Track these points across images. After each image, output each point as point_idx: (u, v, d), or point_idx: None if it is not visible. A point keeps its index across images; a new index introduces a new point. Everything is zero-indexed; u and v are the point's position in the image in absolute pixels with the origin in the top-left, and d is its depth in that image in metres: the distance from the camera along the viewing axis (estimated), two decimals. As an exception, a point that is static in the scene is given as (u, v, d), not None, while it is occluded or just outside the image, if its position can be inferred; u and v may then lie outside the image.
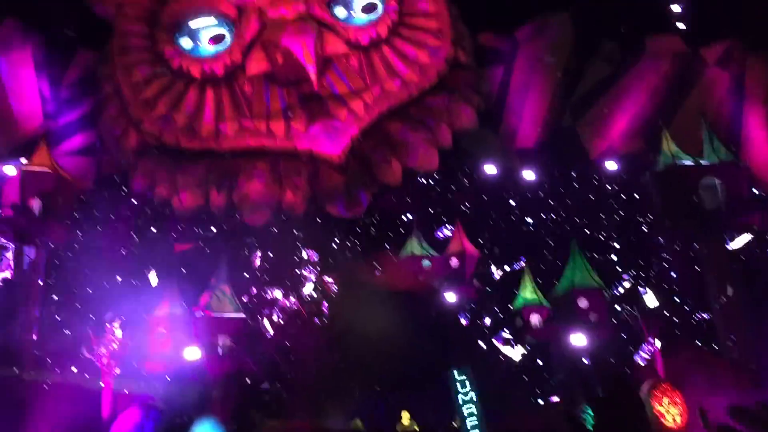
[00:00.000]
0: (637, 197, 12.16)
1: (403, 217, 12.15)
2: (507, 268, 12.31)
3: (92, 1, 11.24)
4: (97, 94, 11.17)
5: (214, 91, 11.00)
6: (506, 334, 12.10)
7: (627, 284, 11.96)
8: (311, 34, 10.63)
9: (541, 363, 11.79)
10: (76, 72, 11.41)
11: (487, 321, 12.31)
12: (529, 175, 12.11)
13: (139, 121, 10.86)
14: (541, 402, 11.53)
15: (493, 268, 12.47)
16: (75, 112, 11.39)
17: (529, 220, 12.53)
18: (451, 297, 11.94)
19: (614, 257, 12.39)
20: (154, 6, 11.16)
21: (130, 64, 10.89)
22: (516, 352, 12.08)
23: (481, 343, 12.10)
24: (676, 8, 12.66)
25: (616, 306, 11.47)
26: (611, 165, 12.10)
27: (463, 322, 12.18)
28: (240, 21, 11.11)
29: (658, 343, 10.21)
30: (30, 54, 11.10)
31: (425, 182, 11.84)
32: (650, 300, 11.59)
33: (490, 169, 12.00)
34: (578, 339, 11.06)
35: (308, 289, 11.68)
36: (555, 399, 11.41)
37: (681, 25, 12.48)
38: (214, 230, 11.24)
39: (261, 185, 10.70)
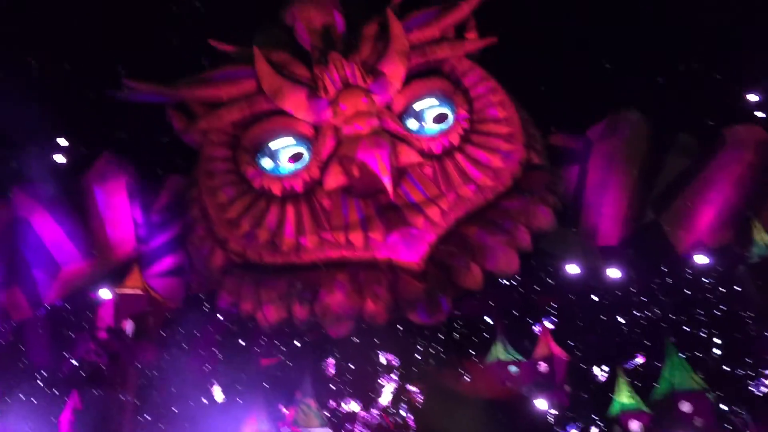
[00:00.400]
0: (736, 290, 11.39)
1: (486, 321, 11.73)
2: (600, 371, 11.58)
3: (181, 132, 11.77)
4: (186, 217, 11.52)
5: (294, 206, 11.22)
6: (605, 444, 11.24)
7: (734, 385, 11.00)
8: (385, 147, 10.84)
9: (644, 473, 10.81)
10: (166, 197, 11.90)
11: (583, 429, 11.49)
12: (614, 273, 11.58)
13: (225, 240, 11.11)
14: None
15: (586, 371, 11.75)
16: (165, 235, 11.80)
17: (620, 320, 11.87)
18: (541, 404, 11.26)
19: (717, 356, 11.50)
20: (236, 131, 11.67)
21: (215, 186, 11.29)
22: (617, 462, 11.16)
23: (578, 453, 11.27)
24: (753, 97, 12.31)
25: (723, 408, 10.52)
26: (702, 259, 11.47)
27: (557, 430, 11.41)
28: (317, 139, 11.47)
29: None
30: (124, 183, 11.65)
31: (508, 284, 11.47)
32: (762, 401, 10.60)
33: (573, 268, 11.56)
34: (684, 446, 10.13)
35: (393, 399, 11.26)
36: None
37: (761, 114, 12.08)
38: (298, 344, 11.11)
39: (342, 296, 10.66)
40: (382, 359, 11.25)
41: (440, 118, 11.82)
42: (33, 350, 11.84)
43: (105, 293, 11.78)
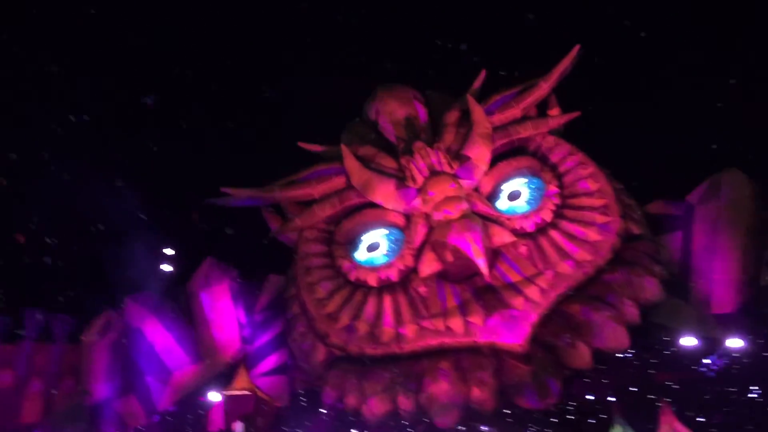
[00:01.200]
0: None
1: (601, 401, 10.79)
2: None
3: (277, 233, 11.83)
4: (286, 315, 11.42)
5: (392, 296, 10.95)
6: None
7: None
8: (477, 230, 10.49)
9: None
10: (267, 296, 11.86)
11: None
12: (736, 342, 10.50)
13: (325, 335, 10.91)
14: None
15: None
16: (268, 334, 11.74)
17: (754, 393, 10.67)
18: (671, 489, 10.10)
19: None
20: (329, 227, 11.64)
21: (312, 282, 11.18)
22: None
23: None
24: None
25: None
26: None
27: None
28: (408, 227, 11.23)
29: None
30: (227, 286, 11.70)
31: (621, 360, 10.57)
32: None
33: (689, 341, 10.56)
34: None
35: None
36: None
37: None
38: (405, 437, 10.51)
39: (447, 385, 10.19)
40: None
41: (531, 198, 11.37)
42: (150, 457, 11.72)
43: (214, 396, 11.74)
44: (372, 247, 11.56)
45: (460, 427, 10.35)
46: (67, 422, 12.14)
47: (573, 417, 10.81)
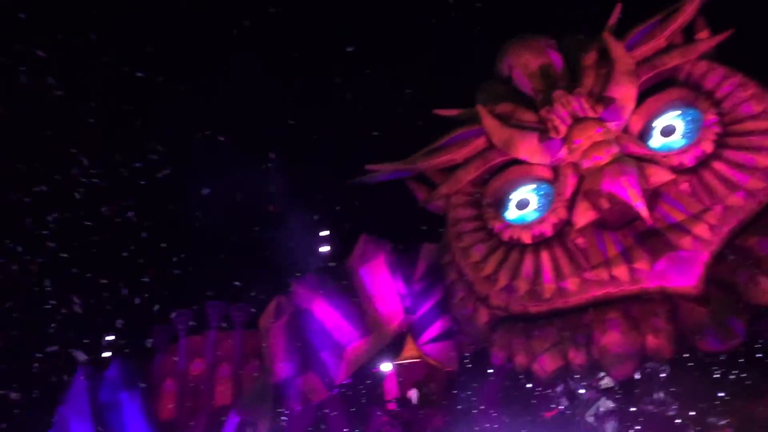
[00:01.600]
0: None
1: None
2: None
3: (424, 202, 11.78)
4: (444, 282, 11.33)
5: (549, 251, 10.61)
6: None
7: None
8: (632, 172, 9.89)
9: None
10: (423, 265, 11.83)
11: None
12: None
13: (486, 297, 10.79)
14: None
15: None
16: (429, 302, 11.72)
17: None
18: None
19: None
20: (476, 190, 11.46)
21: (466, 246, 11.06)
22: None
23: None
24: None
25: None
26: None
27: None
28: (557, 180, 10.78)
29: None
30: (383, 260, 11.81)
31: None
32: None
33: None
34: None
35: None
36: None
37: None
38: (581, 391, 10.16)
39: (618, 334, 9.76)
40: (669, 398, 9.87)
41: (688, 131, 10.51)
42: (334, 428, 12.15)
43: (386, 366, 11.95)
44: (522, 205, 11.21)
45: (637, 378, 9.87)
46: (257, 401, 12.85)
47: (762, 357, 9.96)
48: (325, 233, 13.34)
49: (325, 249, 13.26)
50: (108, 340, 14.22)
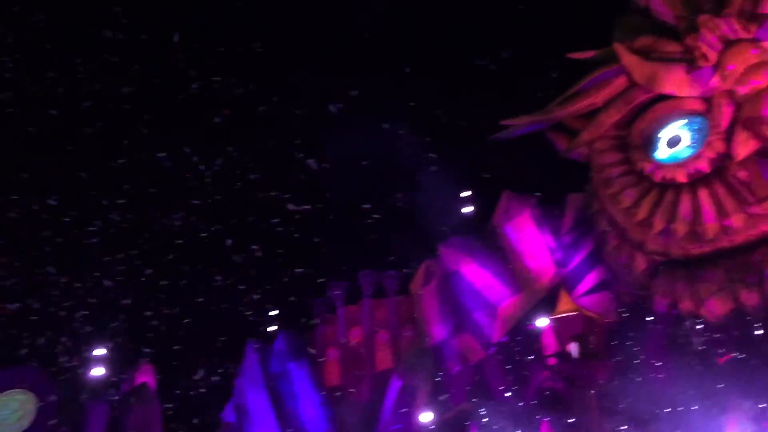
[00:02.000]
0: None
1: None
2: None
3: (566, 151, 11.35)
4: (595, 231, 10.91)
5: (708, 189, 9.96)
6: None
7: None
8: (796, 93, 8.89)
9: None
10: (571, 217, 11.45)
11: None
12: None
13: (641, 243, 10.32)
14: None
15: None
16: (580, 254, 11.34)
17: None
18: None
19: None
20: (621, 132, 10.87)
21: (615, 192, 10.57)
22: None
23: None
24: None
25: None
26: None
27: None
28: (711, 111, 9.99)
29: None
30: (528, 215, 11.55)
31: None
32: None
33: None
34: None
35: None
36: None
37: None
38: (757, 332, 9.46)
39: (794, 271, 8.86)
40: None
41: None
42: (495, 386, 12.14)
43: (542, 322, 11.71)
44: (673, 142, 10.50)
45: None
46: (416, 365, 13.08)
47: None
48: (466, 194, 13.23)
49: (468, 209, 13.16)
50: (272, 315, 15.01)
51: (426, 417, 12.61)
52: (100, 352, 14.00)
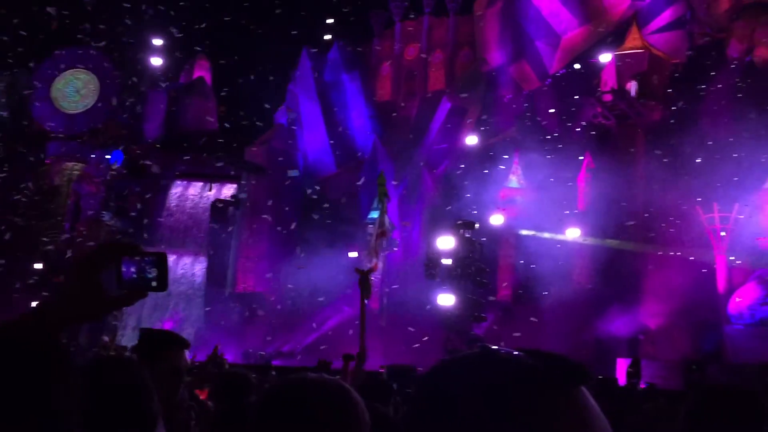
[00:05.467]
0: None
1: None
2: None
3: None
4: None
5: None
6: None
7: None
8: None
9: None
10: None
11: None
12: None
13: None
14: None
15: None
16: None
17: None
18: None
19: None
20: None
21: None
22: None
23: None
24: None
25: None
26: None
27: None
28: None
29: None
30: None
31: None
32: None
33: None
34: None
35: None
36: None
37: None
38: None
39: None
40: None
41: None
42: (544, 117, 11.85)
43: (605, 57, 11.00)
44: None
45: None
46: (468, 86, 12.74)
47: None
48: None
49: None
50: (329, 23, 14.42)
51: (471, 140, 12.53)
52: (158, 42, 13.83)
